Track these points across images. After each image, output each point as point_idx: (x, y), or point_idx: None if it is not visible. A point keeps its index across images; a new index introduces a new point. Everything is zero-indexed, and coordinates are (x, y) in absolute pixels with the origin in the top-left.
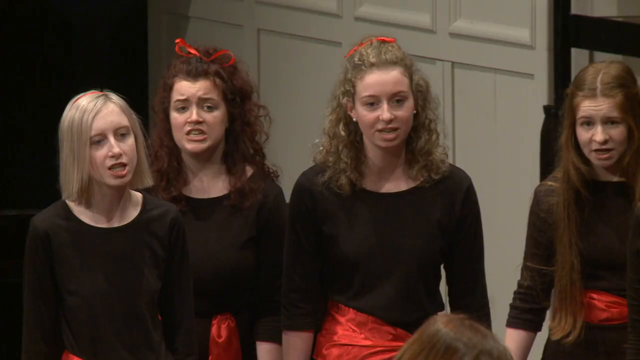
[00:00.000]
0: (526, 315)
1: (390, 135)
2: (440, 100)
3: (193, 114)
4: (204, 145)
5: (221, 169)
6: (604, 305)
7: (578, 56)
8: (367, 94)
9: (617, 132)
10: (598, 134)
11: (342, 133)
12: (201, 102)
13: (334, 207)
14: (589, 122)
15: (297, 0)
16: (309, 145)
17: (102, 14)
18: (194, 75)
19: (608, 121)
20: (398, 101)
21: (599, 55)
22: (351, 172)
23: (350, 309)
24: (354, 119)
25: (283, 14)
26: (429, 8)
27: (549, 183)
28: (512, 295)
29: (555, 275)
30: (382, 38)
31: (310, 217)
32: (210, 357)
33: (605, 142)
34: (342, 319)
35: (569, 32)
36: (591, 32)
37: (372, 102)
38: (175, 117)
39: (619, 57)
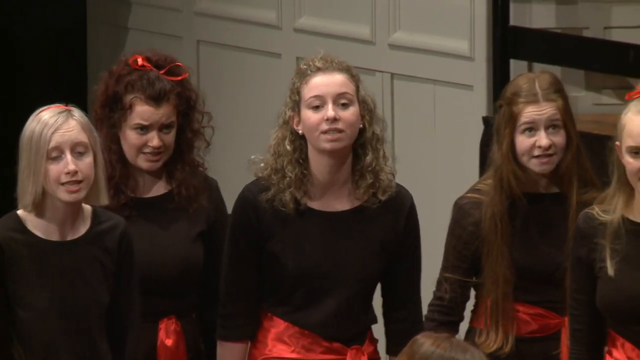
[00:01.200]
0: (443, 328)
1: (335, 136)
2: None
3: (155, 139)
4: (159, 164)
5: (163, 168)
6: (529, 317)
7: (517, 67)
8: (312, 94)
9: (559, 137)
10: (542, 138)
11: (288, 148)
12: (162, 126)
13: (278, 225)
14: (531, 129)
15: (236, 11)
16: (249, 158)
17: (41, 25)
18: (156, 99)
19: (550, 125)
20: (344, 105)
21: (538, 67)
22: (295, 188)
23: (285, 322)
24: (300, 132)
25: (222, 25)
26: (368, 19)
27: (471, 195)
28: None
29: (482, 288)
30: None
31: (254, 231)
32: None
33: (549, 147)
34: (274, 331)
35: (508, 43)
36: (530, 44)
37: (318, 105)
38: (134, 137)
39: (558, 68)
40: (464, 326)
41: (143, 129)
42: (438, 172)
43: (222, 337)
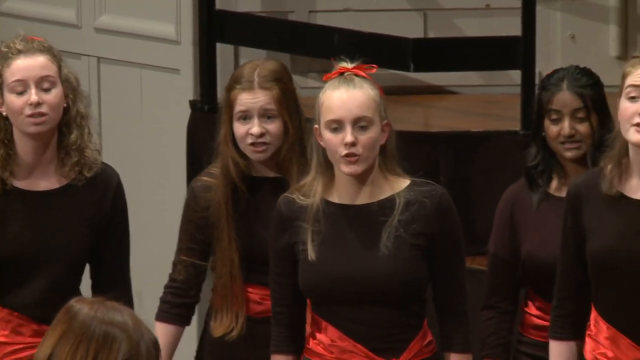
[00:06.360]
0: (177, 309)
1: (39, 120)
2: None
3: None
4: None
5: None
6: (259, 298)
7: (223, 51)
8: (14, 79)
9: (274, 126)
10: (254, 126)
11: None
12: None
13: None
14: (245, 117)
15: None
16: None
17: None
18: None
19: (265, 114)
20: (45, 89)
21: (244, 50)
22: (1, 169)
23: None
24: (4, 114)
25: None
26: (74, 3)
27: (204, 178)
28: (160, 289)
29: (214, 272)
30: (32, 37)
31: None
32: None
33: (261, 135)
34: None
35: (214, 27)
36: (236, 27)
37: (20, 90)
38: None
39: (264, 52)
40: None
41: None
42: (145, 155)
43: None
